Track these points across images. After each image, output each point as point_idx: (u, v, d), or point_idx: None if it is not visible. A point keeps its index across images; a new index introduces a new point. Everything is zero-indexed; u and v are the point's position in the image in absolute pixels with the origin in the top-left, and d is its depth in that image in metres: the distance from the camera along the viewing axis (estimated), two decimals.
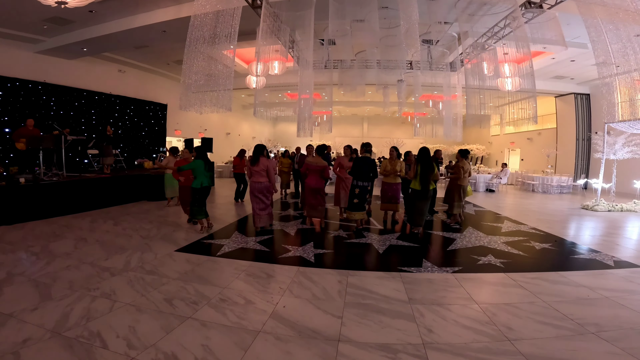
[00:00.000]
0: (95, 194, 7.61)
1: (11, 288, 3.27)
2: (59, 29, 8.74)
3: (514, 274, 4.04)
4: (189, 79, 6.55)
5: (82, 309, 2.90)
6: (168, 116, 14.63)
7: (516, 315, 2.98)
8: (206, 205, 5.75)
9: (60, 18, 7.96)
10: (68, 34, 8.99)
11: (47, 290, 3.25)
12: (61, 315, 2.78)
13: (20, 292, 3.20)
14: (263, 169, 5.66)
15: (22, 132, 7.58)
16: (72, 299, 3.08)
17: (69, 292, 3.24)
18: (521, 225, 6.81)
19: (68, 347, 2.33)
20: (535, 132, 17.60)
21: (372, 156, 6.24)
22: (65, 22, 8.26)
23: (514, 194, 12.64)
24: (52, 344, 2.36)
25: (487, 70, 9.87)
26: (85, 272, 3.77)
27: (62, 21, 8.19)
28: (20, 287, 3.32)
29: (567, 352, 2.41)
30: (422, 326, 2.77)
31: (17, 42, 9.07)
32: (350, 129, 25.56)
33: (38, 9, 6.80)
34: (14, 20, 7.91)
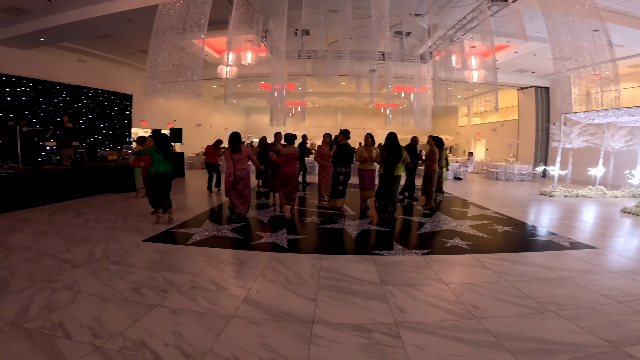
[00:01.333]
0: (54, 187, 7.15)
1: None
2: (14, 19, 8.12)
3: (479, 255, 4.24)
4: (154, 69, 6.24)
5: (43, 300, 2.76)
6: (133, 107, 13.98)
7: (481, 295, 3.12)
8: (167, 196, 5.52)
9: (16, 8, 7.43)
10: (24, 23, 8.37)
11: (4, 283, 3.07)
12: (21, 307, 2.64)
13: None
14: (246, 155, 5.80)
15: None
16: (32, 291, 2.92)
17: (29, 284, 3.07)
18: (485, 210, 7.14)
19: (29, 338, 2.23)
20: (499, 123, 18.43)
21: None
22: (22, 11, 7.71)
23: (480, 182, 13.21)
24: (12, 335, 2.26)
25: (455, 63, 10.16)
26: (45, 265, 3.58)
27: (18, 11, 7.63)
28: None
29: (531, 329, 2.52)
30: (394, 306, 2.85)
31: None
32: (324, 120, 25.57)
33: None
34: None
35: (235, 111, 25.34)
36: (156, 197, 5.43)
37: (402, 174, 6.13)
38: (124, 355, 2.08)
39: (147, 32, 6.48)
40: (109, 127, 12.89)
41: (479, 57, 10.15)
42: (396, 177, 5.89)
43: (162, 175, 5.39)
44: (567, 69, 7.11)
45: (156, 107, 15.51)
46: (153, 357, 2.08)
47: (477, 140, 21.20)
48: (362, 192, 6.79)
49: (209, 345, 2.22)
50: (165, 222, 5.55)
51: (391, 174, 5.78)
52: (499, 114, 17.55)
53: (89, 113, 12.09)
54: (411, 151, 7.77)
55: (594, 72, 6.82)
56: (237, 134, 5.86)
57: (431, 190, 7.12)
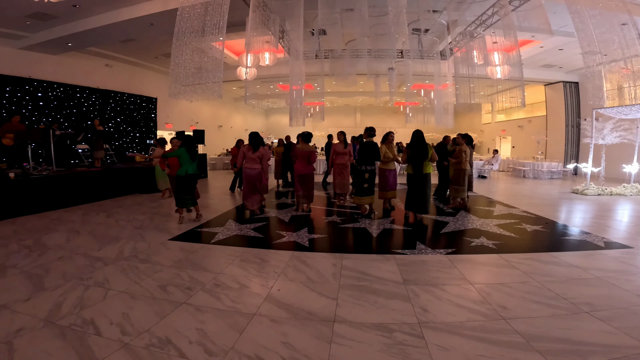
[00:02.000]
0: (86, 188, 7.48)
1: (4, 280, 3.23)
2: (42, 25, 8.51)
3: (507, 254, 4.09)
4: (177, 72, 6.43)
5: (76, 297, 2.87)
6: (158, 109, 14.44)
7: (510, 295, 3.01)
8: (192, 195, 5.67)
9: (43, 13, 7.76)
10: (51, 29, 8.77)
11: (40, 281, 3.20)
12: (54, 304, 2.74)
13: (13, 283, 3.16)
14: (259, 157, 5.92)
15: (7, 127, 7.43)
16: (65, 289, 3.04)
17: (62, 282, 3.20)
18: (513, 209, 6.89)
19: (61, 335, 2.30)
20: (525, 119, 17.78)
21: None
22: (48, 17, 8.05)
23: (506, 180, 12.77)
24: (45, 332, 2.33)
25: (476, 59, 9.91)
26: (78, 263, 3.73)
27: (45, 16, 7.98)
28: (13, 278, 3.27)
29: (562, 330, 2.42)
30: (417, 306, 2.79)
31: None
32: (343, 120, 25.48)
33: (20, 4, 6.69)
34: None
35: (255, 112, 25.68)
36: (182, 197, 5.57)
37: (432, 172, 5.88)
38: (150, 352, 2.13)
39: (168, 35, 6.69)
40: (136, 130, 13.37)
41: (502, 52, 9.84)
42: (425, 175, 5.62)
43: (191, 176, 5.56)
44: (597, 63, 6.88)
45: (179, 109, 15.96)
46: (178, 354, 2.12)
47: (502, 138, 20.53)
48: (383, 193, 6.68)
49: (231, 343, 2.24)
50: (191, 220, 5.72)
51: (420, 172, 5.59)
52: (526, 111, 16.94)
53: (117, 116, 12.58)
54: (443, 150, 7.61)
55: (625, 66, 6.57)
56: (257, 133, 6.00)
57: (458, 190, 6.91)
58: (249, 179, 6.00)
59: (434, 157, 5.71)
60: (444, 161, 7.42)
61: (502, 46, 9.11)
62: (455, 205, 6.92)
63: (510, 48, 8.67)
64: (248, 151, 5.93)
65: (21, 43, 9.29)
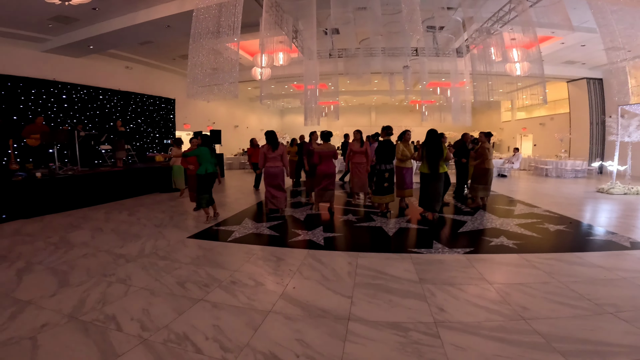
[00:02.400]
0: (109, 187, 7.75)
1: (31, 276, 3.36)
2: (64, 28, 8.80)
3: (528, 254, 3.97)
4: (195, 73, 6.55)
5: (99, 293, 2.97)
6: (176, 110, 14.74)
7: (531, 295, 2.93)
8: (210, 194, 5.75)
9: (64, 16, 8.01)
10: (73, 32, 9.06)
11: (65, 277, 3.32)
12: (78, 300, 2.84)
13: (39, 279, 3.28)
14: (280, 154, 5.93)
15: (32, 129, 7.73)
16: (89, 285, 3.15)
17: (86, 278, 3.31)
18: (534, 208, 6.69)
19: (84, 330, 2.37)
20: (547, 117, 17.24)
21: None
22: (70, 20, 8.31)
23: (527, 179, 12.41)
24: (68, 328, 2.41)
25: (494, 56, 9.68)
26: (101, 260, 3.86)
27: (66, 19, 8.24)
28: (39, 275, 3.40)
29: (585, 331, 2.34)
30: (433, 305, 2.75)
31: (23, 41, 9.19)
32: (358, 119, 25.35)
33: (42, 7, 6.88)
34: (19, 19, 7.99)
35: (270, 112, 25.89)
36: (201, 197, 5.63)
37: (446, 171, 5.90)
38: (168, 348, 2.18)
39: (184, 37, 6.81)
40: (156, 130, 13.70)
41: (521, 49, 9.57)
42: (440, 174, 5.65)
43: (211, 175, 5.64)
44: (621, 59, 6.68)
45: (197, 110, 16.25)
46: (194, 350, 2.17)
47: (523, 136, 19.95)
48: (400, 191, 6.62)
49: (246, 340, 2.27)
50: (212, 218, 5.81)
51: (435, 172, 5.58)
52: (548, 108, 16.41)
53: (138, 117, 12.91)
54: (462, 148, 7.50)
55: None
56: (273, 132, 6.03)
57: (480, 189, 6.72)
58: (273, 178, 5.99)
59: (448, 157, 5.71)
60: (462, 158, 7.29)
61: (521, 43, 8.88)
62: (477, 205, 6.76)
63: (530, 44, 8.43)
64: (268, 151, 5.91)
65: (45, 46, 9.64)
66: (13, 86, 8.94)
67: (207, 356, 2.10)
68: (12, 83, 8.90)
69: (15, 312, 2.60)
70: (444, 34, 10.69)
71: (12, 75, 8.94)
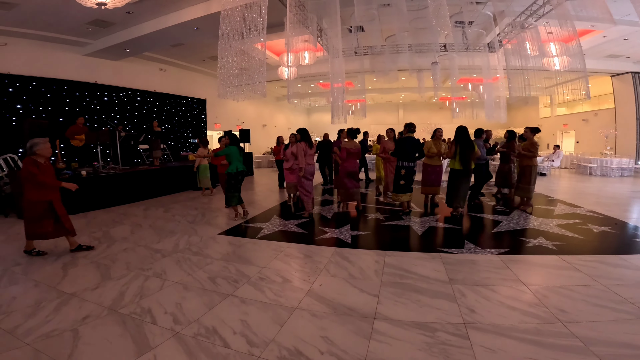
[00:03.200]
0: (147, 185, 8.16)
1: (75, 269, 3.60)
2: (102, 31, 9.32)
3: (569, 256, 3.76)
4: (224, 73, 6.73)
5: (137, 287, 3.12)
6: (208, 110, 15.22)
7: (570, 298, 2.78)
8: (240, 192, 5.87)
9: (102, 20, 8.46)
10: (110, 35, 9.55)
11: (107, 271, 3.53)
12: (118, 293, 3.00)
13: (84, 273, 3.50)
14: (313, 152, 5.94)
15: (75, 129, 8.26)
16: (129, 279, 3.32)
17: (126, 272, 3.51)
18: (577, 208, 6.29)
19: (121, 322, 2.50)
20: (591, 112, 16.15)
21: None
22: (107, 24, 8.77)
23: (569, 177, 11.70)
24: (107, 320, 2.54)
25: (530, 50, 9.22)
26: (140, 254, 4.07)
27: (103, 23, 8.70)
28: (83, 268, 3.63)
29: (626, 335, 2.21)
30: (463, 306, 2.67)
31: (67, 45, 9.78)
32: (385, 116, 24.96)
33: (81, 12, 7.28)
34: (61, 24, 8.52)
35: (297, 111, 26.09)
36: (231, 195, 5.74)
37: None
38: (197, 342, 2.26)
39: (213, 39, 6.98)
40: (189, 130, 14.24)
41: (560, 43, 9.04)
42: (470, 171, 5.53)
43: (241, 173, 5.77)
44: None
45: (227, 110, 16.69)
46: (222, 344, 2.23)
47: (564, 132, 18.79)
48: (427, 189, 6.46)
49: (272, 335, 2.31)
50: (240, 216, 5.96)
51: (467, 168, 5.43)
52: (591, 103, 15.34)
53: (172, 118, 13.47)
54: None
55: None
56: (306, 129, 6.01)
57: (525, 189, 6.32)
58: (311, 176, 5.95)
59: (477, 154, 5.52)
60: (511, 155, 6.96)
61: (559, 36, 8.40)
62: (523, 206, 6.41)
63: (569, 38, 8.01)
64: (307, 148, 5.82)
65: (85, 50, 10.23)
66: (58, 89, 9.59)
67: (233, 350, 2.16)
68: (57, 86, 9.56)
69: (59, 304, 2.78)
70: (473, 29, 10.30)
71: (57, 79, 9.58)
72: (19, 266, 3.68)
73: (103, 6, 5.63)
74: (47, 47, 9.40)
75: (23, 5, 7.12)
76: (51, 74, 9.46)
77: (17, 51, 8.77)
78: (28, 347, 2.17)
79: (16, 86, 8.64)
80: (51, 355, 2.08)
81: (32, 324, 2.46)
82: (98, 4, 5.57)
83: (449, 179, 5.75)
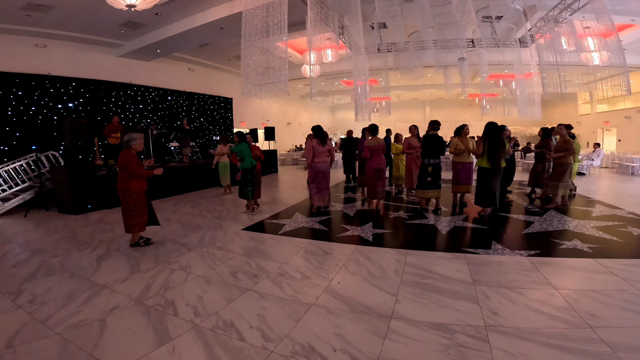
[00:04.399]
0: (177, 181, 8.49)
1: (108, 262, 3.79)
2: (134, 33, 9.74)
3: (605, 259, 3.53)
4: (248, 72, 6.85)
5: (163, 280, 3.25)
6: (234, 109, 15.58)
7: (603, 303, 2.62)
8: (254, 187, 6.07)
9: (133, 22, 8.84)
10: (141, 37, 9.97)
11: (136, 264, 3.69)
12: (145, 285, 3.12)
13: (116, 265, 3.68)
14: (328, 149, 5.96)
15: (111, 128, 8.70)
16: (156, 271, 3.46)
17: (154, 265, 3.65)
18: (617, 210, 5.89)
19: (146, 314, 2.60)
20: (634, 109, 15.04)
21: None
22: (137, 25, 9.16)
23: (610, 177, 10.97)
24: (133, 311, 2.65)
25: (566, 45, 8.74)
26: (168, 248, 4.24)
27: (134, 25, 9.09)
28: (115, 261, 3.82)
29: None
30: (485, 308, 2.58)
31: (101, 47, 10.32)
32: (411, 114, 24.46)
33: (112, 13, 7.61)
34: (95, 26, 8.98)
35: (321, 109, 26.10)
36: (247, 189, 5.96)
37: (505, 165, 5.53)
38: (215, 334, 2.32)
39: (237, 38, 7.11)
40: (216, 128, 14.64)
41: (598, 37, 8.52)
42: (500, 169, 5.33)
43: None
44: None
45: (252, 108, 17.00)
46: (238, 337, 2.28)
47: (605, 130, 17.62)
48: (456, 187, 6.28)
49: (287, 331, 2.34)
50: (255, 209, 6.14)
51: (498, 166, 5.23)
52: (634, 100, 14.30)
53: (200, 116, 13.90)
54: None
55: None
56: (320, 126, 6.07)
57: (558, 186, 6.07)
58: (322, 174, 5.99)
59: (508, 151, 5.29)
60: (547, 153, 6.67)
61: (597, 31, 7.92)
62: (555, 205, 6.11)
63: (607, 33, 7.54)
64: (317, 145, 5.90)
65: (119, 51, 10.75)
66: (96, 89, 10.15)
67: (248, 344, 2.20)
68: (94, 86, 10.12)
69: (91, 295, 2.93)
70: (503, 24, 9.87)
71: (94, 79, 10.13)
72: (56, 258, 3.92)
73: (132, 8, 5.88)
74: (84, 48, 9.94)
75: (59, 7, 7.53)
76: (88, 74, 10.01)
77: (56, 53, 9.34)
78: (57, 336, 2.29)
79: (56, 87, 9.21)
80: (78, 345, 2.19)
81: (63, 313, 2.60)
82: (128, 5, 5.83)
83: (477, 178, 5.55)
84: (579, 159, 8.23)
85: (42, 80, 8.95)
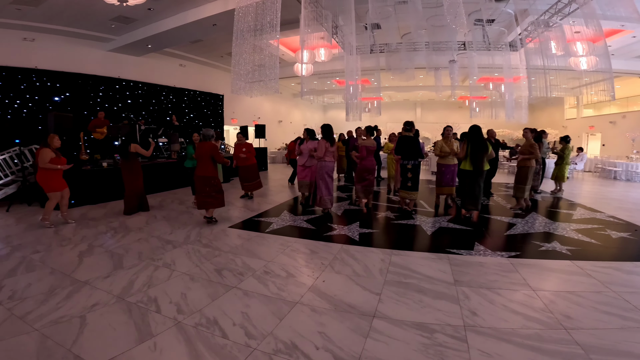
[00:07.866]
0: (165, 177, 8.42)
1: (90, 258, 3.73)
2: (125, 28, 9.57)
3: (583, 262, 3.64)
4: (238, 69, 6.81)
5: (146, 277, 3.22)
6: (225, 106, 15.45)
7: (578, 304, 2.70)
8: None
9: (124, 17, 8.70)
10: (133, 32, 9.81)
11: (119, 260, 3.65)
12: (128, 282, 3.09)
13: (98, 261, 3.63)
14: (334, 149, 5.97)
15: (96, 123, 8.55)
16: (139, 268, 3.43)
17: (137, 262, 3.62)
18: (597, 213, 6.07)
19: (127, 310, 2.57)
20: (619, 114, 15.48)
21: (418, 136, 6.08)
22: (129, 20, 9.02)
23: (592, 181, 11.27)
24: (114, 308, 2.62)
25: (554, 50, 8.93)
26: (152, 245, 4.20)
27: (126, 20, 8.94)
28: (98, 257, 3.77)
29: (629, 344, 2.15)
30: (465, 308, 2.64)
31: (91, 41, 10.11)
32: (402, 114, 24.57)
33: (104, 8, 7.48)
34: (86, 20, 8.81)
35: (313, 107, 26.08)
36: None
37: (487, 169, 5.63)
38: (197, 331, 2.32)
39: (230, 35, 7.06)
40: (206, 125, 14.48)
41: (587, 42, 8.72)
42: (483, 172, 5.40)
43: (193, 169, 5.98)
44: None
45: (243, 105, 16.88)
46: (221, 334, 2.28)
47: (590, 135, 18.07)
48: (440, 189, 6.38)
49: (270, 329, 2.35)
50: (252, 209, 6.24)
51: (480, 168, 5.32)
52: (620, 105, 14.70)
53: (190, 112, 13.73)
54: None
55: None
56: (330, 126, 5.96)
57: (523, 189, 6.29)
58: (329, 174, 5.92)
59: (491, 154, 5.41)
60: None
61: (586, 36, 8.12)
62: (520, 206, 6.31)
63: (596, 38, 7.73)
64: (327, 145, 5.81)
65: (109, 45, 10.55)
66: (83, 83, 9.93)
67: (231, 341, 2.21)
68: (82, 81, 9.90)
69: (71, 292, 2.89)
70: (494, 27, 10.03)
71: (82, 74, 9.92)
72: (37, 254, 3.84)
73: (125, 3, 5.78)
74: (73, 42, 9.74)
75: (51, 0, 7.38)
76: (76, 68, 9.80)
77: (44, 47, 9.13)
78: (36, 332, 2.26)
79: (43, 80, 9.00)
80: (57, 341, 2.17)
81: (43, 310, 2.56)
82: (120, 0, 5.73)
83: (459, 180, 5.66)
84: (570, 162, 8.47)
85: (29, 74, 8.74)
